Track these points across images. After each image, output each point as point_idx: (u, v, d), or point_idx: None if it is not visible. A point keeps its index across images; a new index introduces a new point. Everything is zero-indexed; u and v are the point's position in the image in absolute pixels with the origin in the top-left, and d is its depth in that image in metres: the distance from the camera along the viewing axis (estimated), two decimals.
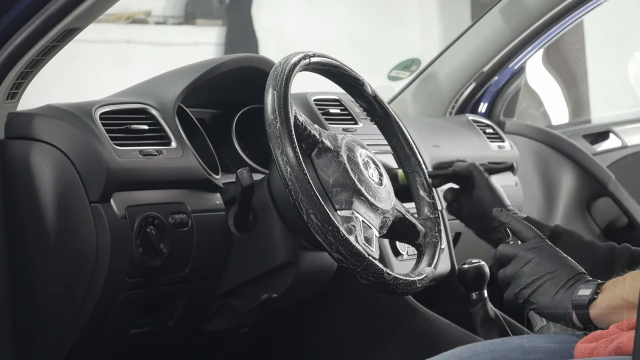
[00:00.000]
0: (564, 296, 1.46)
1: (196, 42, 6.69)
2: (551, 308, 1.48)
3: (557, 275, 1.48)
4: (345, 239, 1.66)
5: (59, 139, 1.77)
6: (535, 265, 1.50)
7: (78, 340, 1.79)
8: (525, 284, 1.49)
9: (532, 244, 1.53)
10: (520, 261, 1.51)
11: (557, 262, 1.50)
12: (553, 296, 1.47)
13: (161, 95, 1.97)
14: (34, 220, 1.77)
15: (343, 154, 1.81)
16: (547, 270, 1.49)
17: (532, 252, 1.52)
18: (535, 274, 1.49)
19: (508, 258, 1.53)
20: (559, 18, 2.93)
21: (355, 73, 1.90)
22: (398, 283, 1.73)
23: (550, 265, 1.49)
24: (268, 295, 1.96)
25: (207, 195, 1.93)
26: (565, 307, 1.46)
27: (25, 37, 1.71)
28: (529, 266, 1.50)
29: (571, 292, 1.46)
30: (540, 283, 1.48)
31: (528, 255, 1.51)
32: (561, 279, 1.48)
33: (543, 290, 1.48)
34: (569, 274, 1.48)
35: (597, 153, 3.30)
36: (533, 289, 1.49)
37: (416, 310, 2.23)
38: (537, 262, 1.50)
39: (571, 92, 5.44)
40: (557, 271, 1.48)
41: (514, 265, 1.52)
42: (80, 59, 5.51)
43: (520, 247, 1.54)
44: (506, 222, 1.59)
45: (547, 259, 1.50)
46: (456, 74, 3.09)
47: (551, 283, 1.48)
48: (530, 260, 1.50)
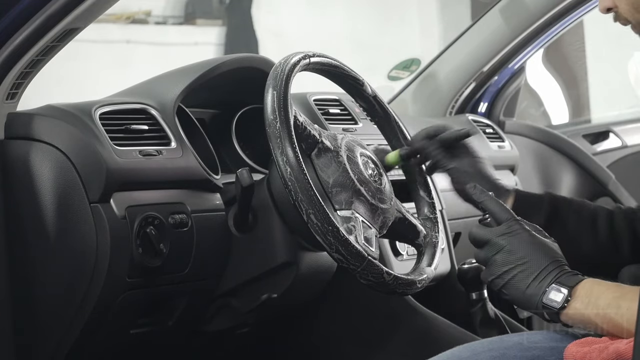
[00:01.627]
0: (535, 290, 1.43)
1: (196, 42, 6.70)
2: (522, 301, 1.44)
3: (529, 267, 1.44)
4: (345, 239, 1.66)
5: (59, 139, 1.77)
6: (507, 255, 1.45)
7: (78, 340, 1.79)
8: (496, 274, 1.46)
9: (504, 229, 1.48)
10: (492, 248, 1.47)
11: (529, 249, 1.45)
12: (524, 290, 1.43)
13: (161, 95, 1.97)
14: (34, 220, 1.77)
15: (343, 154, 1.81)
16: (518, 261, 1.45)
17: (504, 238, 1.47)
18: (507, 264, 1.45)
19: (481, 242, 1.49)
20: (559, 18, 2.93)
21: (355, 73, 1.90)
22: (398, 283, 1.72)
23: (523, 254, 1.45)
24: (268, 295, 1.96)
25: (207, 195, 1.93)
26: (536, 303, 1.42)
27: (25, 37, 1.71)
28: (501, 255, 1.46)
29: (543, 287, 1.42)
30: (512, 275, 1.44)
31: (500, 242, 1.47)
32: (533, 270, 1.43)
33: (514, 282, 1.44)
34: (541, 264, 1.44)
35: (597, 153, 3.30)
36: (505, 280, 1.45)
37: (416, 310, 2.23)
38: (509, 251, 1.46)
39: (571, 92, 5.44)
40: (529, 261, 1.44)
41: (487, 251, 1.48)
42: (80, 59, 5.51)
43: (492, 232, 1.49)
44: (479, 201, 1.54)
45: (519, 247, 1.46)
46: (456, 74, 3.09)
47: (523, 275, 1.44)
48: (502, 249, 1.46)
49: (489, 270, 1.47)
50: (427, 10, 7.48)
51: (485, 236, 1.49)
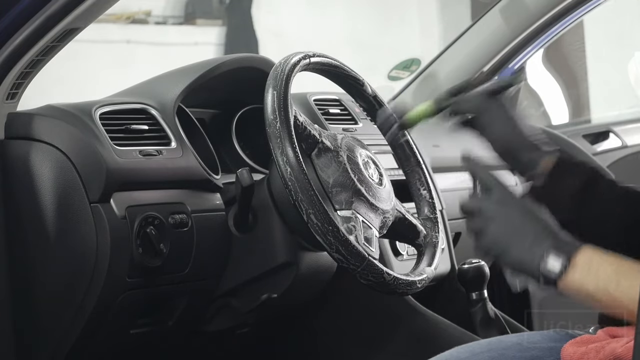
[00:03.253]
0: (529, 257, 1.40)
1: (196, 42, 6.69)
2: (520, 268, 1.41)
3: (524, 234, 1.41)
4: (345, 239, 1.66)
5: (59, 139, 1.77)
6: (499, 224, 1.43)
7: (78, 340, 1.79)
8: (491, 244, 1.43)
9: (496, 198, 1.45)
10: (484, 217, 1.44)
11: (523, 217, 1.42)
12: (519, 258, 1.40)
13: (161, 95, 1.97)
14: (34, 220, 1.77)
15: (343, 154, 1.81)
16: (512, 229, 1.42)
17: (498, 206, 1.44)
18: (503, 232, 1.42)
19: (473, 212, 1.46)
20: (559, 18, 2.93)
21: (355, 73, 1.90)
22: (398, 283, 1.73)
23: (517, 222, 1.42)
24: (268, 295, 1.96)
25: (207, 195, 1.93)
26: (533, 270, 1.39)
27: (25, 37, 1.71)
28: (496, 223, 1.43)
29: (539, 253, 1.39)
30: (507, 242, 1.42)
31: (494, 210, 1.44)
32: (528, 238, 1.41)
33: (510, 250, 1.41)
34: (535, 232, 1.41)
35: (597, 153, 3.30)
36: (499, 249, 1.42)
37: (416, 310, 2.23)
38: (502, 220, 1.43)
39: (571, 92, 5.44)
40: (523, 229, 1.41)
41: (482, 220, 1.44)
42: (80, 59, 5.51)
43: (485, 202, 1.46)
44: (471, 170, 1.50)
45: (514, 214, 1.43)
46: (456, 74, 3.09)
47: (519, 242, 1.41)
48: (495, 218, 1.43)
49: (483, 240, 1.44)
50: (427, 10, 7.48)
51: (477, 206, 1.46)
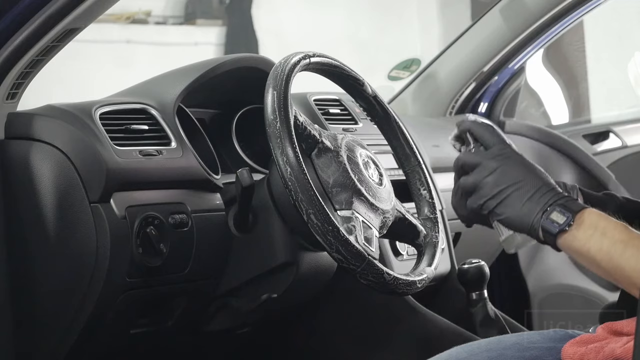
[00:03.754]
0: (530, 209, 1.38)
1: (196, 42, 6.69)
2: (517, 221, 1.39)
3: (523, 186, 1.39)
4: (345, 239, 1.66)
5: (59, 139, 1.77)
6: (500, 175, 1.41)
7: (78, 340, 1.79)
8: (490, 195, 1.41)
9: (496, 151, 1.44)
10: (483, 170, 1.42)
11: (523, 171, 1.41)
12: (520, 208, 1.39)
13: (161, 95, 1.97)
14: (34, 220, 1.77)
15: (343, 154, 1.81)
16: (512, 180, 1.40)
17: (496, 160, 1.42)
18: (501, 184, 1.40)
19: (470, 166, 1.44)
20: (559, 18, 2.93)
21: (355, 73, 1.90)
22: (398, 283, 1.73)
23: (516, 174, 1.40)
24: (268, 295, 1.96)
25: (207, 195, 1.93)
26: (531, 222, 1.38)
27: (25, 37, 1.71)
28: (494, 176, 1.41)
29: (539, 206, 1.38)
30: (506, 194, 1.40)
31: (492, 164, 1.42)
32: (527, 190, 1.39)
33: (509, 201, 1.39)
34: (536, 184, 1.40)
35: (597, 153, 3.30)
36: (499, 200, 1.40)
37: (416, 310, 2.23)
38: (502, 172, 1.41)
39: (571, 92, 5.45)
40: (522, 181, 1.40)
41: (478, 174, 1.42)
42: (80, 59, 5.51)
43: (483, 155, 1.43)
44: (468, 128, 1.48)
45: (512, 168, 1.41)
46: (456, 74, 3.09)
47: (517, 194, 1.39)
48: (495, 170, 1.41)
49: (479, 193, 1.42)
50: (427, 10, 7.48)
51: (474, 159, 1.44)
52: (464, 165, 1.45)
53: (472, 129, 1.48)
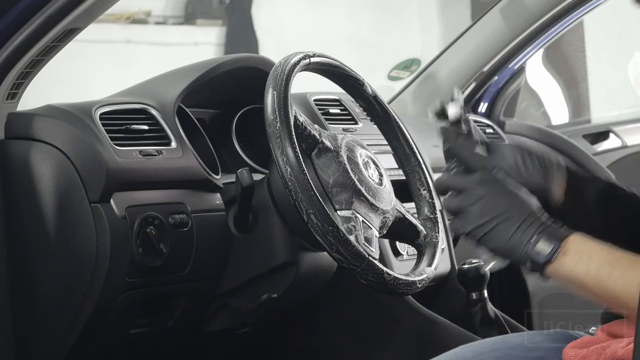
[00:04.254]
0: (518, 241, 1.35)
1: (196, 42, 6.69)
2: (505, 252, 1.37)
3: (510, 217, 1.36)
4: (345, 239, 1.66)
5: (59, 139, 1.77)
6: (486, 205, 1.37)
7: (78, 340, 1.79)
8: (476, 225, 1.38)
9: (480, 178, 1.40)
10: (468, 197, 1.39)
11: (508, 200, 1.38)
12: (507, 241, 1.36)
13: (161, 95, 1.97)
14: (34, 220, 1.77)
15: (343, 154, 1.81)
16: (499, 211, 1.37)
17: (482, 187, 1.39)
18: (487, 215, 1.37)
19: (454, 190, 1.41)
20: (559, 18, 2.93)
21: (355, 73, 1.90)
22: (398, 283, 1.72)
23: (502, 205, 1.37)
24: (268, 295, 1.96)
25: (207, 196, 1.93)
26: (519, 253, 1.36)
27: (25, 37, 1.71)
28: (479, 205, 1.38)
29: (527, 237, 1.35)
30: (492, 225, 1.37)
31: (477, 191, 1.39)
32: (514, 222, 1.36)
33: (495, 233, 1.36)
34: (522, 214, 1.37)
35: (597, 153, 3.30)
36: (485, 230, 1.37)
37: (416, 310, 2.23)
38: (488, 201, 1.38)
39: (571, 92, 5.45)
40: (509, 212, 1.37)
41: (462, 201, 1.39)
42: (80, 59, 5.51)
43: (468, 181, 1.40)
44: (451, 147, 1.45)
45: (498, 197, 1.38)
46: (456, 74, 3.09)
47: (504, 226, 1.36)
48: (481, 199, 1.38)
49: (464, 221, 1.39)
50: (427, 10, 7.48)
51: (459, 184, 1.41)
52: (448, 188, 1.43)
53: (456, 152, 1.45)
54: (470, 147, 1.45)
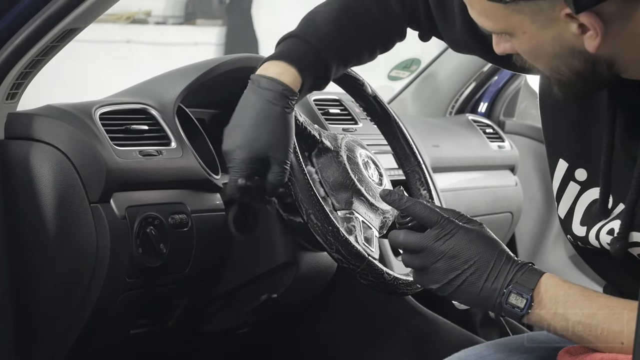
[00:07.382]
0: (490, 291, 1.32)
1: (196, 42, 6.70)
2: (478, 305, 1.35)
3: (478, 268, 1.33)
4: (345, 239, 1.66)
5: (59, 139, 1.77)
6: (450, 260, 1.33)
7: (78, 340, 1.79)
8: (443, 282, 1.34)
9: (438, 232, 1.35)
10: (430, 255, 1.34)
11: (471, 248, 1.33)
12: (479, 293, 1.33)
13: (161, 95, 1.97)
14: (34, 220, 1.77)
15: (343, 154, 1.81)
16: (465, 264, 1.33)
17: (442, 242, 1.34)
18: (454, 270, 1.33)
19: (413, 249, 1.36)
20: None
21: (355, 73, 1.90)
22: (398, 283, 1.72)
23: (467, 255, 1.33)
24: (268, 295, 1.96)
25: (207, 196, 1.93)
26: (492, 306, 1.33)
27: (25, 37, 1.71)
28: (443, 261, 1.33)
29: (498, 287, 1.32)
30: (460, 280, 1.33)
31: (438, 247, 1.34)
32: (483, 271, 1.32)
33: (464, 288, 1.33)
34: (488, 261, 1.33)
35: None
36: (454, 287, 1.34)
37: (416, 310, 2.23)
38: (451, 256, 1.33)
39: None
40: (476, 262, 1.33)
41: (424, 259, 1.35)
42: (80, 59, 5.51)
43: (426, 238, 1.35)
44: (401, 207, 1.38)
45: (460, 248, 1.33)
46: (456, 74, 3.09)
47: (472, 279, 1.33)
48: (443, 255, 1.34)
49: (430, 278, 1.35)
50: None
51: (418, 244, 1.36)
52: (407, 249, 1.38)
53: (408, 210, 1.39)
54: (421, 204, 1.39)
